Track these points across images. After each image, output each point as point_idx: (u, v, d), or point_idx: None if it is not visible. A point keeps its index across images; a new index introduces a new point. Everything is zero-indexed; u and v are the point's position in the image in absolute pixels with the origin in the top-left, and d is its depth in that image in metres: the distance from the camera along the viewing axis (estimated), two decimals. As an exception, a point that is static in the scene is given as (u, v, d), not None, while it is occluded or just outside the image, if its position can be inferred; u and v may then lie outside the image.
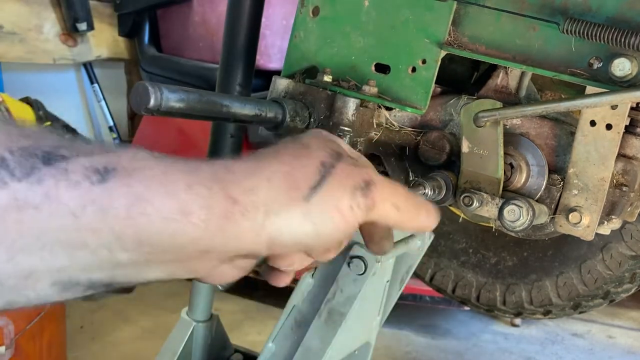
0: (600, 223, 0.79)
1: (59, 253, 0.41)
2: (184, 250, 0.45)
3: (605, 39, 0.70)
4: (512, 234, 0.90)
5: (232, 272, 0.53)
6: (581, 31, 0.71)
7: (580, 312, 1.22)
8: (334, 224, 0.50)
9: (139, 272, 0.46)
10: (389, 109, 0.87)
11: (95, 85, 3.11)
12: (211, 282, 0.55)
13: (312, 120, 0.82)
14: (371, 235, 0.58)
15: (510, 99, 0.86)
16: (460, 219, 1.08)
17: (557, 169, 0.82)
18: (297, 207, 0.48)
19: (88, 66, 3.10)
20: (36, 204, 0.40)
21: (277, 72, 0.90)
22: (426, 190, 0.80)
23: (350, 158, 0.54)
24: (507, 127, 0.84)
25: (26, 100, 2.44)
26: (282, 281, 0.58)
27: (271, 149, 0.53)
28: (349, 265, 0.93)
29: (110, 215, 0.41)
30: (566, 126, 0.83)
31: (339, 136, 0.79)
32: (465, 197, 0.81)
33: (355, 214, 0.51)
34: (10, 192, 0.39)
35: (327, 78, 0.84)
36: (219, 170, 0.47)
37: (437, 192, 0.81)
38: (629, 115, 0.77)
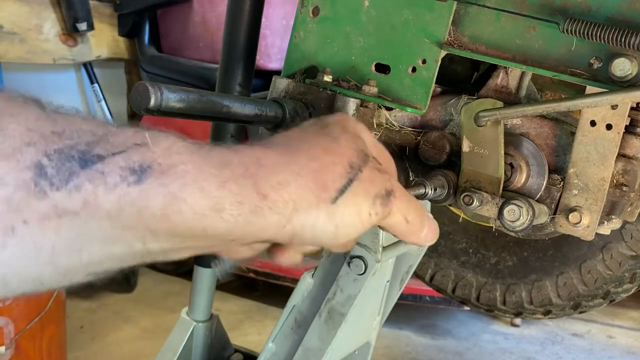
0: (601, 223, 0.79)
1: (96, 250, 0.43)
2: (213, 240, 0.48)
3: (606, 38, 0.70)
4: (512, 234, 0.90)
5: (248, 252, 0.56)
6: (581, 31, 0.71)
7: (580, 312, 1.22)
8: (353, 227, 0.53)
9: (166, 255, 0.48)
10: (389, 109, 0.87)
11: (95, 85, 3.11)
12: (225, 256, 0.59)
13: (312, 120, 0.82)
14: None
15: (511, 99, 0.86)
16: (461, 219, 1.08)
17: (557, 169, 0.82)
18: (323, 208, 0.51)
19: (88, 66, 3.10)
20: (75, 210, 0.41)
21: (277, 72, 0.90)
22: (427, 190, 0.80)
23: (375, 161, 0.56)
24: (507, 127, 0.84)
25: (26, 100, 2.43)
26: (289, 260, 0.59)
27: (301, 133, 0.55)
28: (349, 265, 0.93)
29: (146, 214, 0.43)
30: (566, 126, 0.83)
31: None
32: (465, 196, 0.81)
33: (372, 220, 0.54)
34: (50, 202, 0.40)
35: (327, 78, 0.84)
36: (250, 164, 0.48)
37: (437, 191, 0.81)
38: (629, 115, 0.77)
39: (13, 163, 0.39)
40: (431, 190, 0.80)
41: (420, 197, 0.80)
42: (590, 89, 0.75)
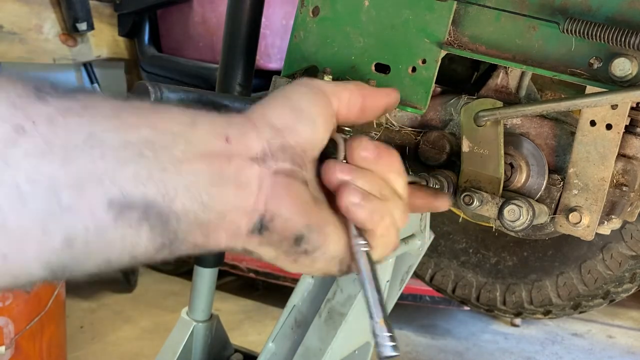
0: (601, 223, 0.79)
1: (108, 157, 0.43)
2: None
3: (606, 38, 0.70)
4: (512, 234, 0.90)
5: None
6: (581, 31, 0.71)
7: (581, 312, 1.22)
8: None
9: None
10: (389, 108, 0.87)
11: (95, 85, 3.11)
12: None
13: (312, 120, 0.82)
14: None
15: (511, 99, 0.86)
16: (461, 219, 1.08)
17: (557, 169, 0.82)
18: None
19: (88, 66, 3.09)
20: (78, 112, 0.43)
21: (277, 72, 0.90)
22: (429, 184, 0.80)
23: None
24: (507, 127, 0.84)
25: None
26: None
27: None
28: (349, 265, 0.93)
29: (144, 116, 0.46)
30: (566, 126, 0.83)
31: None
32: (465, 196, 0.81)
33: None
34: (53, 105, 0.42)
35: (327, 78, 0.84)
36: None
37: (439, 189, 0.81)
38: (629, 115, 0.77)
39: (9, 81, 0.42)
40: (432, 184, 0.80)
41: None
42: (590, 89, 0.75)
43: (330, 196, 0.56)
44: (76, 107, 0.43)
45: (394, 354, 0.54)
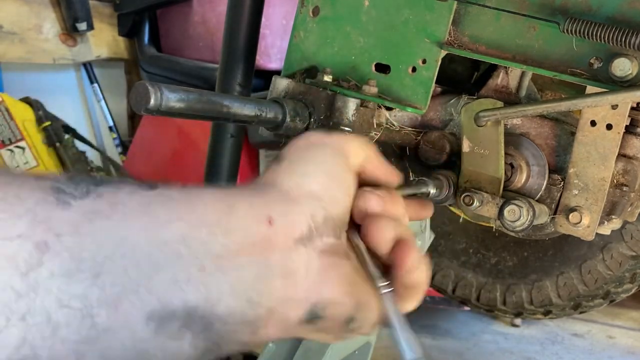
0: (601, 223, 0.79)
1: (143, 264, 0.38)
2: None
3: (606, 38, 0.70)
4: (513, 234, 0.90)
5: None
6: (581, 31, 0.71)
7: (581, 312, 1.22)
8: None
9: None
10: (389, 108, 0.87)
11: (95, 85, 3.11)
12: None
13: (312, 120, 0.82)
14: None
15: (511, 99, 0.86)
16: (461, 219, 1.08)
17: (558, 169, 0.82)
18: None
19: (88, 66, 3.10)
20: (105, 213, 0.38)
21: (277, 72, 0.90)
22: (429, 189, 0.80)
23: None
24: (508, 127, 0.84)
25: (26, 100, 2.44)
26: None
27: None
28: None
29: (176, 209, 0.41)
30: (566, 126, 0.83)
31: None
32: (465, 196, 0.81)
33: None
34: (77, 210, 0.38)
35: (327, 78, 0.84)
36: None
37: (439, 191, 0.81)
38: (629, 115, 0.77)
39: (27, 185, 0.37)
40: (434, 189, 0.80)
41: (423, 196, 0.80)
42: (590, 89, 0.75)
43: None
44: (101, 206, 0.39)
45: None
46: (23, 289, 0.34)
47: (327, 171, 0.51)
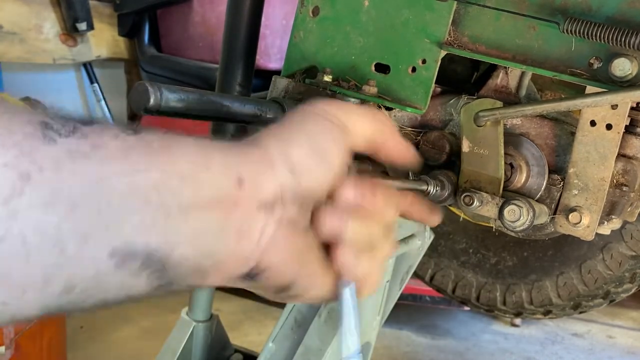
0: (601, 223, 0.79)
1: (115, 205, 0.41)
2: None
3: (606, 38, 0.70)
4: (512, 234, 0.90)
5: None
6: (581, 31, 0.71)
7: (581, 312, 1.22)
8: None
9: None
10: (389, 108, 0.87)
11: (95, 85, 3.11)
12: None
13: (312, 120, 0.82)
14: None
15: (511, 99, 0.86)
16: (461, 219, 1.08)
17: (557, 169, 0.82)
18: None
19: (88, 66, 3.10)
20: (87, 154, 0.41)
21: (277, 72, 0.90)
22: (429, 188, 0.80)
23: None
24: (507, 127, 0.84)
25: (26, 100, 2.44)
26: None
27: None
28: (349, 265, 0.93)
29: (154, 156, 0.44)
30: (566, 126, 0.83)
31: None
32: (465, 196, 0.81)
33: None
34: (61, 147, 0.40)
35: (327, 78, 0.84)
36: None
37: (439, 190, 0.81)
38: (629, 115, 0.77)
39: (17, 119, 0.40)
40: (434, 189, 0.80)
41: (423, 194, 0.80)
42: (590, 89, 0.75)
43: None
44: (85, 147, 0.41)
45: None
46: (3, 215, 0.38)
47: (314, 144, 0.51)
